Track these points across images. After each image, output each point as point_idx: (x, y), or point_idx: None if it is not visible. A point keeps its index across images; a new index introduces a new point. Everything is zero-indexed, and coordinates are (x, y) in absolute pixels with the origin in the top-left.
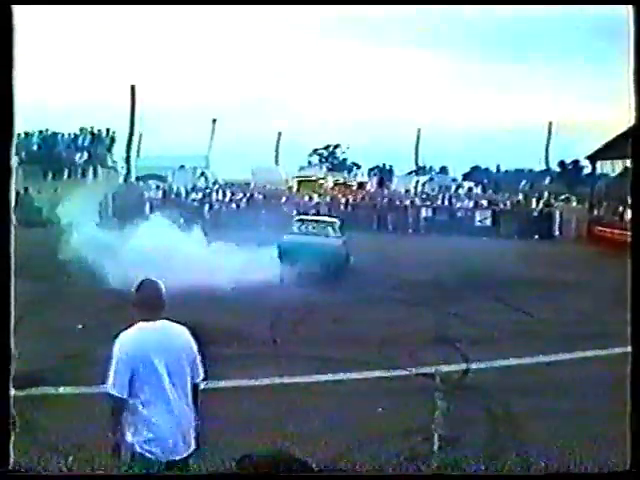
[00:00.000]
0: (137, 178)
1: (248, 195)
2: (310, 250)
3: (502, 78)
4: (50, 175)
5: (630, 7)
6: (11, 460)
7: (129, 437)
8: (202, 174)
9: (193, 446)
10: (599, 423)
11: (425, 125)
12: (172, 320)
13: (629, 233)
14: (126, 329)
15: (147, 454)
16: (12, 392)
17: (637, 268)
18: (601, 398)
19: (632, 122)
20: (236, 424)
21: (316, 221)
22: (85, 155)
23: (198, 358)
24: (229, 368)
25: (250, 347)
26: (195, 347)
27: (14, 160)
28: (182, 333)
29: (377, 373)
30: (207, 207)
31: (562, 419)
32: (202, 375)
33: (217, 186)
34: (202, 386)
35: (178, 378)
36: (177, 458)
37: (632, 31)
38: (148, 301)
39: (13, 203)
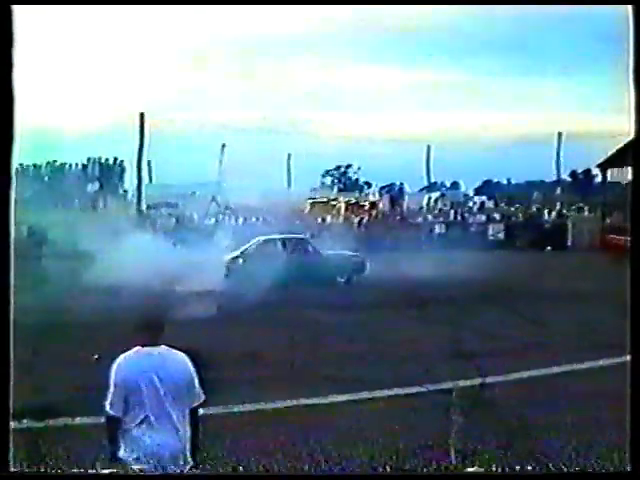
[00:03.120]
0: (148, 206)
1: (261, 219)
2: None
3: (509, 90)
4: (61, 206)
5: (630, 7)
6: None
7: (122, 454)
8: (213, 199)
9: (188, 465)
10: (615, 432)
11: (435, 141)
12: (172, 346)
13: None
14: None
15: (139, 472)
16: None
17: (636, 275)
18: (618, 407)
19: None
20: (253, 446)
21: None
22: (96, 185)
23: (197, 383)
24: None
25: (267, 369)
26: (193, 372)
27: (24, 193)
28: (180, 358)
29: (394, 391)
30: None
31: (577, 428)
32: (202, 399)
33: (229, 211)
34: (202, 410)
35: (172, 401)
36: (170, 475)
37: (632, 31)
38: (147, 325)
39: (26, 234)
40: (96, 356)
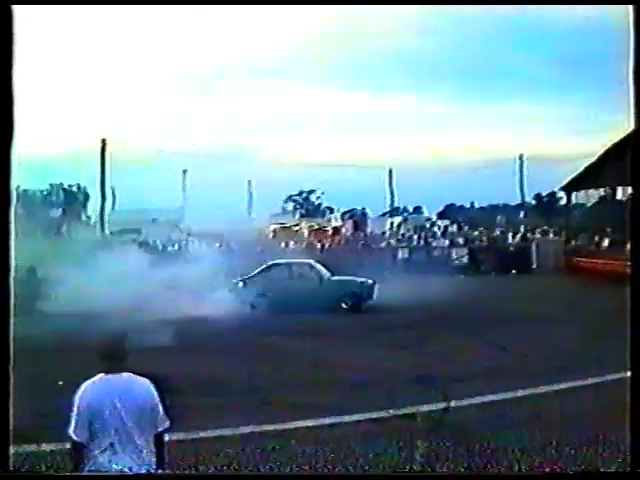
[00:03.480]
0: (111, 232)
1: (223, 245)
2: None
3: (472, 114)
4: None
5: (630, 7)
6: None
7: None
8: (176, 225)
9: None
10: (580, 455)
11: (397, 165)
12: (136, 372)
13: (607, 262)
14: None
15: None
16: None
17: (637, 286)
18: (581, 429)
19: (605, 149)
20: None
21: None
22: (59, 211)
23: (161, 408)
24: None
25: (230, 395)
26: (157, 398)
27: None
28: (144, 384)
29: (356, 417)
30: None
31: (542, 452)
32: (167, 424)
33: (191, 237)
34: (167, 436)
35: (136, 428)
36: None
37: (632, 31)
38: (110, 352)
39: None
40: (61, 382)
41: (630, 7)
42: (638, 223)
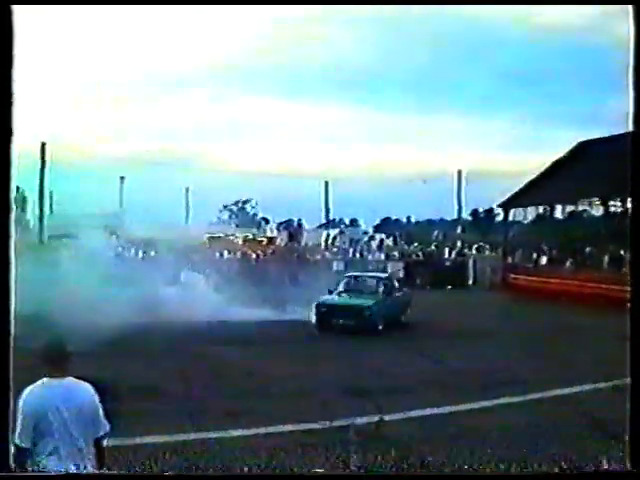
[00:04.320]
0: (49, 237)
1: (159, 252)
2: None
3: (410, 127)
4: None
5: (630, 7)
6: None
7: None
8: (114, 232)
9: None
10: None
11: (333, 178)
12: (82, 375)
13: (544, 279)
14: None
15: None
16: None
17: (637, 286)
18: (516, 444)
19: (543, 168)
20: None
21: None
22: None
23: (101, 413)
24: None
25: (164, 402)
26: (98, 403)
27: None
28: (85, 390)
29: (290, 427)
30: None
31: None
32: (107, 429)
33: (128, 244)
34: (113, 441)
35: (79, 432)
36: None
37: (632, 31)
38: (52, 357)
39: None
40: None
41: (630, 7)
42: (638, 232)
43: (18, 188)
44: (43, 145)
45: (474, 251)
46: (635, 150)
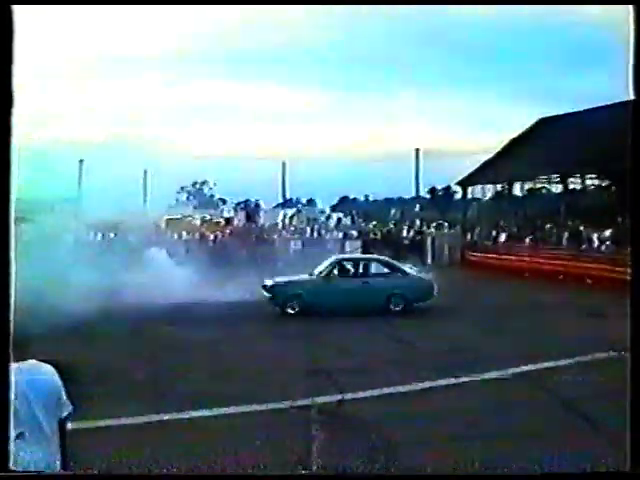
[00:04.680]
0: None
1: (119, 235)
2: None
3: (367, 106)
4: None
5: (630, 7)
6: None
7: None
8: (72, 215)
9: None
10: (477, 448)
11: (290, 158)
12: (39, 359)
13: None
14: None
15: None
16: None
17: (638, 274)
18: (476, 423)
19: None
20: (111, 462)
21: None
22: None
23: (64, 395)
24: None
25: (126, 384)
26: (61, 384)
27: None
28: (48, 371)
29: (253, 407)
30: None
31: (440, 445)
32: (70, 409)
33: (87, 227)
34: (74, 424)
35: (44, 414)
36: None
37: (632, 31)
38: (13, 340)
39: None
40: None
41: (630, 7)
42: (638, 221)
43: None
44: None
45: (433, 229)
46: (635, 151)
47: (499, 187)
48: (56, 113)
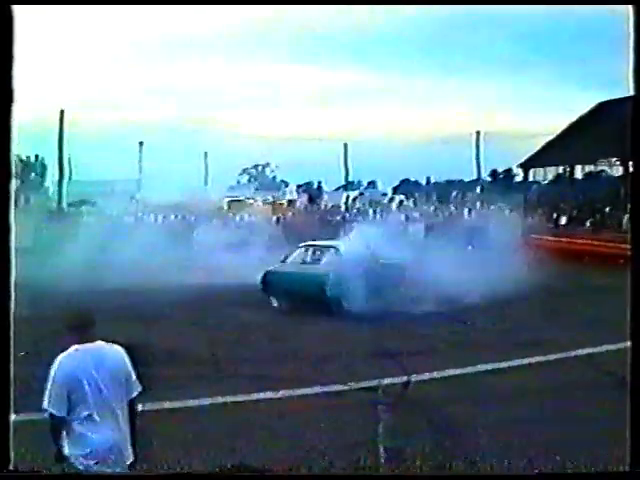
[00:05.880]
0: (69, 204)
1: (179, 217)
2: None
3: (429, 89)
4: None
5: (630, 7)
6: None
7: (67, 450)
8: (132, 197)
9: (131, 458)
10: (541, 428)
11: (352, 140)
12: (108, 340)
13: (564, 239)
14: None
15: (83, 468)
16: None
17: (637, 268)
18: (540, 404)
19: (560, 128)
20: (181, 443)
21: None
22: (17, 182)
23: (133, 375)
24: (170, 388)
25: (191, 366)
26: (130, 365)
27: None
28: (117, 352)
29: (318, 389)
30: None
31: (505, 426)
32: (139, 390)
33: (148, 209)
34: (140, 406)
35: (113, 395)
36: (113, 471)
37: (632, 31)
38: (80, 322)
39: None
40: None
41: (630, 7)
42: (638, 210)
43: (37, 156)
44: (62, 112)
45: (494, 211)
46: (635, 150)
47: (560, 170)
48: (118, 96)
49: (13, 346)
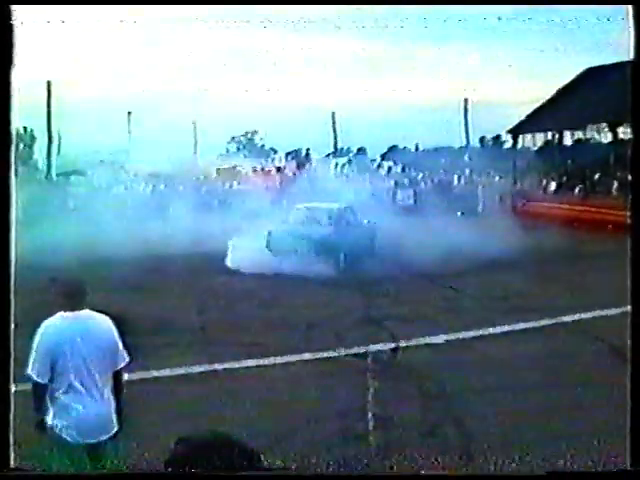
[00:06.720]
0: (58, 174)
1: (168, 186)
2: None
3: (415, 56)
4: None
5: (630, 7)
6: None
7: (49, 420)
8: (122, 167)
9: (115, 429)
10: (529, 396)
11: (340, 107)
12: (96, 310)
13: (554, 205)
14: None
15: (67, 437)
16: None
17: (637, 257)
18: (528, 371)
19: (548, 96)
20: (169, 411)
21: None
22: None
23: (120, 345)
24: (159, 357)
25: (179, 335)
26: (117, 335)
27: None
28: (103, 321)
29: (307, 355)
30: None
31: (493, 393)
32: (126, 360)
33: (138, 178)
34: (126, 375)
35: (98, 365)
36: (96, 441)
37: (632, 31)
38: (70, 291)
39: None
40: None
41: (630, 7)
42: (639, 212)
43: (25, 127)
44: (49, 83)
45: (482, 178)
46: (634, 150)
47: (549, 136)
48: (104, 67)
49: (13, 347)
